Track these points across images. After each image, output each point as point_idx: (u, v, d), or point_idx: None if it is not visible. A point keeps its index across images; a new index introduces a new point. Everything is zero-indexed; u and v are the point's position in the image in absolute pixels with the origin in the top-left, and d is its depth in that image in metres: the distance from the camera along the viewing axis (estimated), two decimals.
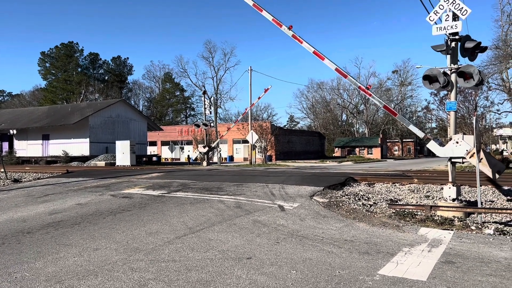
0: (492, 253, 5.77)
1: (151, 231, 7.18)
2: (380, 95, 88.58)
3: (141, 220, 8.12)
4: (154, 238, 6.63)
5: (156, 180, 15.79)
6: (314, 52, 12.04)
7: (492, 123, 34.59)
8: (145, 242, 6.37)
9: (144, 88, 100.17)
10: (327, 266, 5.12)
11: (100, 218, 8.40)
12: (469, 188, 12.95)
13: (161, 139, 61.49)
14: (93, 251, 5.87)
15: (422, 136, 10.62)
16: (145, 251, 5.86)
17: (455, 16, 9.31)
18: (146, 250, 5.91)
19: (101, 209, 9.46)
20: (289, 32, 12.45)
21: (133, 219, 8.29)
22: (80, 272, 4.90)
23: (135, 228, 7.44)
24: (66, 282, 4.55)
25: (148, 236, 6.77)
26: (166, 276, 4.73)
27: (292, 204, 9.73)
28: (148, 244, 6.24)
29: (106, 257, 5.57)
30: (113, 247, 6.12)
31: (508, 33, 29.53)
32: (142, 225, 7.70)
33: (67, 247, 6.12)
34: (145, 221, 8.07)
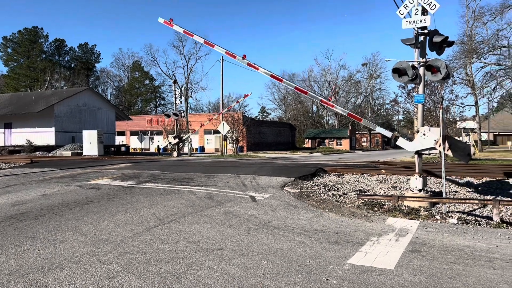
0: (456, 242, 5.97)
1: (120, 222, 7.04)
2: (350, 87, 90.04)
3: (110, 212, 7.95)
4: (123, 230, 6.50)
5: (125, 170, 15.48)
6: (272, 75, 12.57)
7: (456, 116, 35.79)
8: (114, 234, 6.24)
9: (113, 77, 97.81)
10: (297, 256, 5.17)
11: (66, 210, 8.16)
12: (434, 178, 13.36)
13: (130, 129, 60.29)
14: (59, 244, 5.69)
15: (390, 135, 10.88)
16: (114, 243, 5.74)
17: (424, 11, 9.50)
18: (115, 242, 5.79)
19: (68, 201, 9.20)
20: (244, 61, 12.86)
21: (101, 210, 8.10)
22: (45, 265, 4.74)
23: (103, 219, 7.28)
24: (31, 276, 4.39)
25: (117, 228, 6.63)
26: (135, 268, 4.65)
27: (264, 195, 9.76)
28: (117, 236, 6.11)
29: (73, 249, 5.42)
30: (80, 239, 5.96)
31: (473, 29, 30.54)
32: (110, 216, 7.53)
33: (31, 240, 5.91)
34: (114, 212, 7.90)
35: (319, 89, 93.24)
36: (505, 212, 10.09)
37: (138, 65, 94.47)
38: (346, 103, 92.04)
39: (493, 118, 78.71)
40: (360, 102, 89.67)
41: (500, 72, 26.07)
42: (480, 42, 26.71)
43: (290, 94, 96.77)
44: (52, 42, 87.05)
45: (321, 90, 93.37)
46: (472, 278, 4.40)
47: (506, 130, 77.43)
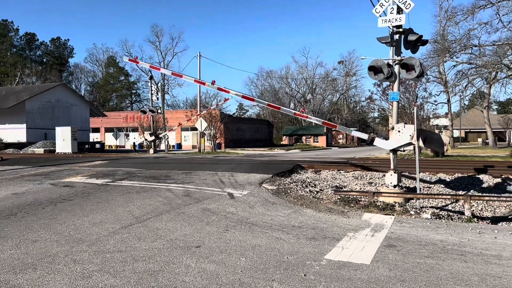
0: (429, 236, 6.12)
1: (95, 221, 6.91)
2: (327, 85, 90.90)
3: (84, 210, 7.79)
4: (98, 229, 6.38)
5: (100, 168, 15.20)
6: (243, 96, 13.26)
7: (429, 113, 36.61)
8: (89, 233, 6.11)
9: (86, 72, 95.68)
10: (275, 252, 5.19)
11: (39, 208, 7.95)
12: (408, 174, 13.64)
13: (105, 125, 59.19)
14: (31, 243, 5.54)
15: (366, 138, 11.08)
16: (89, 242, 5.62)
17: (399, 9, 9.66)
18: (90, 241, 5.68)
19: (40, 199, 8.96)
20: (214, 86, 13.54)
21: (75, 209, 7.92)
22: (17, 266, 4.61)
23: (78, 218, 7.12)
24: (1, 276, 4.26)
25: (92, 227, 6.51)
26: (111, 267, 4.57)
27: (242, 192, 9.76)
28: (92, 235, 5.99)
29: (46, 249, 5.28)
30: (54, 238, 5.81)
31: (446, 28, 31.29)
32: (85, 215, 7.38)
33: (2, 240, 5.73)
34: (89, 211, 7.75)
35: (297, 86, 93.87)
36: (476, 207, 10.41)
37: (113, 60, 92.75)
38: (323, 100, 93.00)
39: (465, 116, 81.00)
40: (337, 99, 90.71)
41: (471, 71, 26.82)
42: (452, 41, 27.41)
43: (268, 91, 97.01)
44: (22, 36, 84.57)
45: (298, 87, 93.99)
46: (445, 271, 4.51)
47: (476, 127, 79.75)
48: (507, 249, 5.42)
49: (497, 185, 12.30)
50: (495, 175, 13.18)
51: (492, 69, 25.72)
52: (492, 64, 24.70)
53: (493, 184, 12.46)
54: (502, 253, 5.26)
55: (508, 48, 24.66)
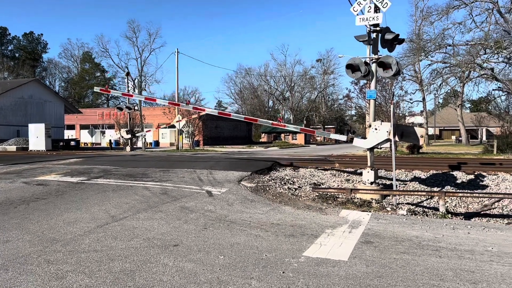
0: (405, 232, 6.22)
1: (69, 220, 6.74)
2: (305, 83, 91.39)
3: (59, 209, 7.60)
4: (73, 228, 6.23)
5: (75, 166, 14.87)
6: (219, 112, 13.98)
7: (405, 111, 37.33)
8: (63, 232, 5.96)
9: (61, 68, 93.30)
10: (254, 250, 5.18)
11: (10, 208, 7.71)
12: (385, 171, 13.85)
13: (80, 122, 57.97)
14: (2, 244, 5.36)
15: (345, 139, 11.24)
16: (63, 241, 5.48)
17: (377, 8, 9.77)
18: (64, 240, 5.54)
19: (12, 198, 8.69)
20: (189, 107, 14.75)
21: (49, 208, 7.72)
22: None
23: (52, 217, 6.94)
24: None
25: (67, 226, 6.35)
26: (86, 267, 4.47)
27: (220, 190, 9.71)
28: (67, 234, 5.85)
29: (18, 249, 5.12)
30: (27, 238, 5.65)
31: (421, 28, 31.89)
32: (59, 214, 7.20)
33: None
34: (63, 209, 7.56)
35: (275, 84, 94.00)
36: (450, 203, 10.66)
37: (88, 56, 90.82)
38: (301, 98, 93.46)
39: (439, 114, 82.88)
40: (315, 97, 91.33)
41: (445, 70, 27.44)
42: (427, 40, 27.96)
43: (246, 88, 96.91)
44: None
45: (277, 85, 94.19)
46: (421, 266, 4.59)
47: (450, 125, 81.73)
48: (480, 244, 5.56)
49: (470, 182, 12.63)
50: (468, 172, 13.53)
51: (465, 68, 26.38)
52: (466, 64, 25.33)
53: (466, 180, 12.78)
54: (475, 248, 5.39)
55: (481, 47, 25.33)
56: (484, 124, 60.39)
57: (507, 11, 24.75)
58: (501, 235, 6.14)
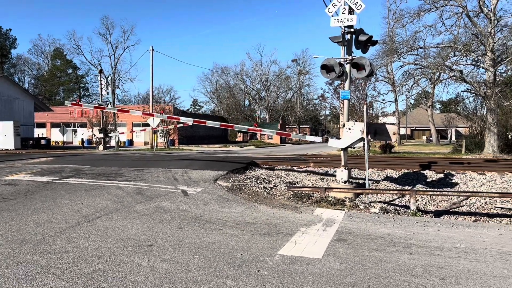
0: (378, 230, 6.36)
1: (39, 220, 6.57)
2: (281, 82, 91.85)
3: (28, 209, 7.39)
4: (43, 229, 6.07)
5: (45, 165, 14.49)
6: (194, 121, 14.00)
7: (378, 111, 38.03)
8: (33, 233, 5.81)
9: (31, 64, 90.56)
10: (230, 249, 5.18)
11: None
12: (358, 171, 14.09)
13: (51, 120, 56.47)
14: None
15: (320, 140, 11.41)
16: (33, 242, 5.34)
17: (351, 10, 9.92)
18: (34, 241, 5.40)
19: None
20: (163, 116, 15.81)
21: (18, 208, 7.50)
22: None
23: (21, 218, 6.75)
24: None
25: (37, 227, 6.19)
26: (57, 268, 4.37)
27: (196, 189, 9.66)
28: (37, 235, 5.70)
29: None
30: None
31: (394, 30, 32.52)
32: (29, 214, 7.00)
33: None
34: (33, 210, 7.36)
35: (251, 83, 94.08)
36: (421, 201, 10.94)
37: (60, 52, 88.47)
38: (277, 98, 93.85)
39: (411, 114, 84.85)
40: (290, 97, 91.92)
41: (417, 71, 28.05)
42: (400, 42, 28.52)
43: (222, 87, 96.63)
44: None
45: (253, 84, 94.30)
46: (392, 263, 4.70)
47: (421, 125, 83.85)
48: (448, 241, 5.74)
49: (440, 180, 13.00)
50: (438, 170, 13.92)
51: (435, 70, 27.05)
52: (436, 65, 25.98)
53: (436, 179, 13.15)
54: (444, 244, 5.56)
55: (450, 50, 26.03)
56: (453, 125, 62.18)
57: (475, 15, 25.54)
58: (469, 232, 6.36)
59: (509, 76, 28.66)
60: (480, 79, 27.11)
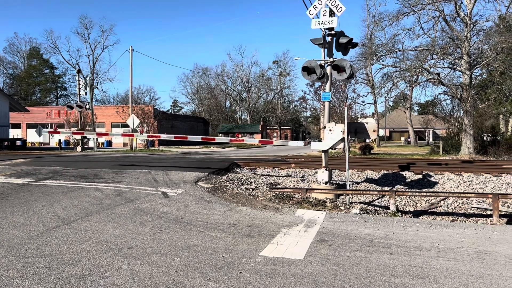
0: (358, 231, 6.42)
1: (15, 223, 6.40)
2: (262, 84, 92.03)
3: (3, 212, 7.18)
4: (19, 232, 5.91)
5: (21, 166, 14.13)
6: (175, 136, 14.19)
7: (357, 113, 38.55)
8: (8, 237, 5.65)
9: (6, 63, 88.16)
10: (211, 251, 5.15)
11: None
12: (339, 172, 14.21)
13: (27, 121, 55.18)
14: None
15: (303, 144, 11.57)
16: (8, 246, 5.19)
17: (332, 12, 10.01)
18: (10, 245, 5.25)
19: None
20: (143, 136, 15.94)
21: None
22: None
23: None
24: None
25: (12, 230, 6.02)
26: (34, 272, 4.26)
27: (177, 191, 9.57)
28: (12, 239, 5.54)
29: None
30: None
31: (373, 33, 33.01)
32: (4, 217, 6.81)
33: None
34: (8, 212, 7.16)
35: (232, 84, 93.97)
36: (400, 202, 11.11)
37: (36, 51, 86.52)
38: (258, 99, 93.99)
39: (389, 116, 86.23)
40: (271, 98, 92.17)
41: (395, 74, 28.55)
42: (379, 45, 28.96)
43: (203, 88, 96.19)
44: None
45: (234, 85, 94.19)
46: (373, 263, 4.75)
47: (400, 127, 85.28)
48: (427, 241, 5.84)
49: (419, 181, 13.23)
50: (417, 171, 14.16)
51: (414, 73, 27.58)
52: (414, 68, 26.49)
53: (415, 180, 13.38)
54: (423, 244, 5.66)
55: (428, 53, 26.57)
56: (431, 126, 63.49)
57: (452, 19, 26.15)
58: (447, 232, 6.48)
59: (484, 79, 29.44)
60: (456, 82, 27.78)
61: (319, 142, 10.64)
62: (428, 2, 25.47)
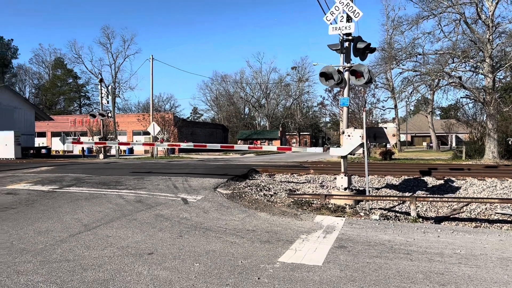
0: (378, 237, 6.36)
1: (40, 229, 6.58)
2: (280, 90, 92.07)
3: (29, 218, 7.40)
4: (44, 238, 6.08)
5: (46, 174, 14.51)
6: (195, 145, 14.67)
7: (377, 118, 38.11)
8: (34, 242, 5.82)
9: (32, 74, 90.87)
10: (230, 256, 5.19)
11: None
12: (358, 177, 14.09)
13: (52, 129, 56.64)
14: None
15: (321, 151, 11.57)
16: (34, 251, 5.35)
17: (349, 18, 10.00)
18: (35, 250, 5.40)
19: None
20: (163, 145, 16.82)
21: (19, 217, 7.51)
22: None
23: (21, 227, 6.76)
24: None
25: (37, 235, 6.20)
26: (58, 277, 4.38)
27: (196, 197, 9.67)
28: (37, 244, 5.71)
29: None
30: None
31: (393, 37, 32.66)
32: (29, 223, 7.02)
33: None
34: (34, 219, 7.37)
35: (251, 91, 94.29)
36: (421, 208, 10.93)
37: (60, 62, 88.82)
38: (276, 105, 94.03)
39: (411, 121, 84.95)
40: (290, 104, 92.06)
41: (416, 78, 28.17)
42: (398, 49, 28.64)
43: (222, 95, 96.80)
44: None
45: (252, 92, 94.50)
46: (393, 270, 4.71)
47: (421, 132, 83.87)
48: (449, 247, 5.75)
49: (440, 187, 13.00)
50: (439, 177, 13.92)
51: (435, 77, 27.16)
52: (435, 72, 26.08)
53: (436, 185, 13.15)
54: (444, 251, 5.57)
55: (449, 57, 26.13)
56: (453, 131, 62.24)
57: (474, 22, 25.67)
58: (469, 238, 6.36)
59: (508, 82, 28.76)
60: (479, 85, 27.19)
61: (338, 148, 10.59)
62: (448, 5, 25.08)
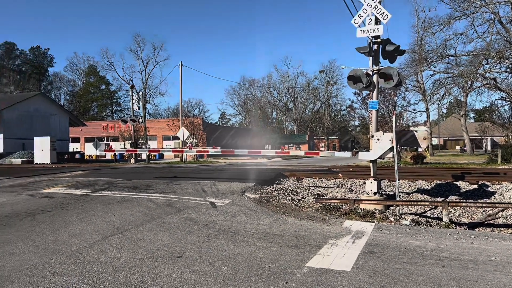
0: (409, 242, 6.23)
1: (74, 232, 6.81)
2: (308, 94, 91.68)
3: (64, 221, 7.67)
4: (77, 240, 6.28)
5: (79, 178, 14.97)
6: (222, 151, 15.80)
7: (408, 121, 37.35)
8: (68, 244, 6.02)
9: (66, 81, 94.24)
10: (257, 260, 5.20)
11: (16, 220, 7.78)
12: (388, 182, 13.84)
13: (85, 135, 58.45)
14: (8, 255, 5.43)
15: (350, 155, 11.47)
16: (68, 253, 5.54)
17: (377, 20, 9.88)
18: (69, 252, 5.59)
19: (18, 210, 8.77)
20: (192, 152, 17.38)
21: (54, 220, 7.79)
22: None
23: (57, 229, 7.01)
24: None
25: (71, 238, 6.41)
26: (91, 278, 4.51)
27: (224, 201, 9.75)
28: (71, 246, 5.90)
29: (24, 261, 5.18)
30: (32, 250, 5.71)
31: (423, 38, 32.03)
32: (64, 226, 7.27)
33: None
34: (68, 222, 7.63)
35: (279, 95, 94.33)
36: (454, 213, 10.63)
37: (93, 69, 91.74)
38: (304, 109, 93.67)
39: (443, 124, 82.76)
40: (318, 108, 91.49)
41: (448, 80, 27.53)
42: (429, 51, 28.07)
43: (250, 100, 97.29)
44: (1, 45, 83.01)
45: (280, 96, 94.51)
46: (423, 276, 4.60)
47: (454, 135, 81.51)
48: (483, 254, 5.56)
49: (474, 191, 12.59)
50: (472, 181, 13.50)
51: (468, 78, 26.46)
52: (468, 74, 25.40)
53: (470, 190, 12.75)
54: (478, 257, 5.39)
55: (483, 57, 25.40)
56: (488, 134, 60.21)
57: (508, 22, 24.86)
58: (505, 245, 6.13)
59: None
60: None
61: (367, 152, 10.45)
62: (482, 4, 24.42)
